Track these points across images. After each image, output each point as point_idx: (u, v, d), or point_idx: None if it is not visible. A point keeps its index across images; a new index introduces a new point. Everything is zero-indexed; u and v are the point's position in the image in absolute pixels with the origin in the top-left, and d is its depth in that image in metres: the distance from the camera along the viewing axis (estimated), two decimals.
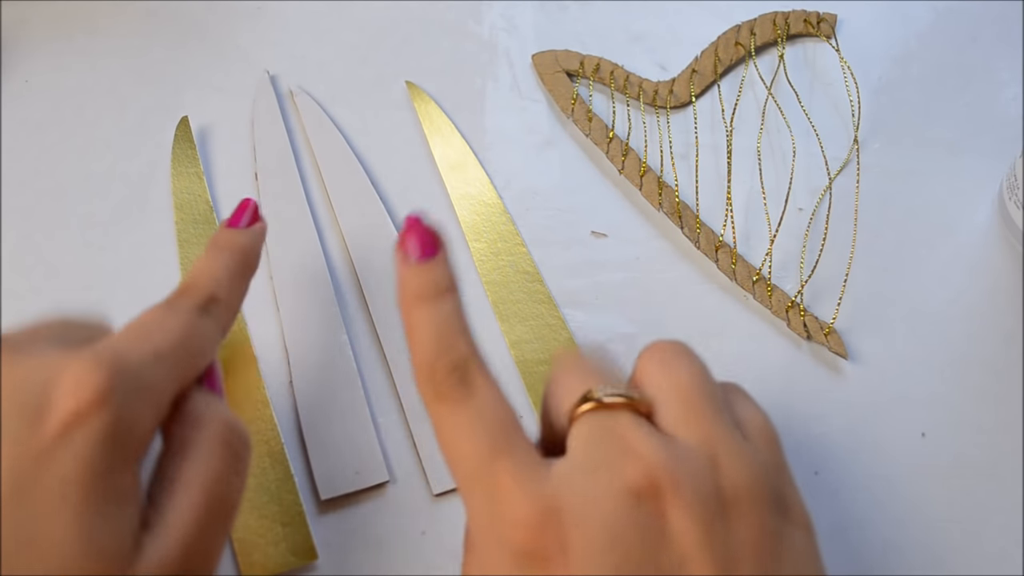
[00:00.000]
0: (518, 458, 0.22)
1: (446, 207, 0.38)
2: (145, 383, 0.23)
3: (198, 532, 0.23)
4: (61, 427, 0.21)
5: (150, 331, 0.24)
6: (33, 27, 0.42)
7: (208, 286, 0.27)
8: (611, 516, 0.21)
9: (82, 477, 0.21)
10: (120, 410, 0.22)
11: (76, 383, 0.22)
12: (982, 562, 0.31)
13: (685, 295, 0.36)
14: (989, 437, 0.33)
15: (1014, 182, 0.36)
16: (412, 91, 0.40)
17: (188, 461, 0.24)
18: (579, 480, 0.22)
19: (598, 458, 0.22)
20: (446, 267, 0.25)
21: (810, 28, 0.42)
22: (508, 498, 0.22)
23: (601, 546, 0.21)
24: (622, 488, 0.21)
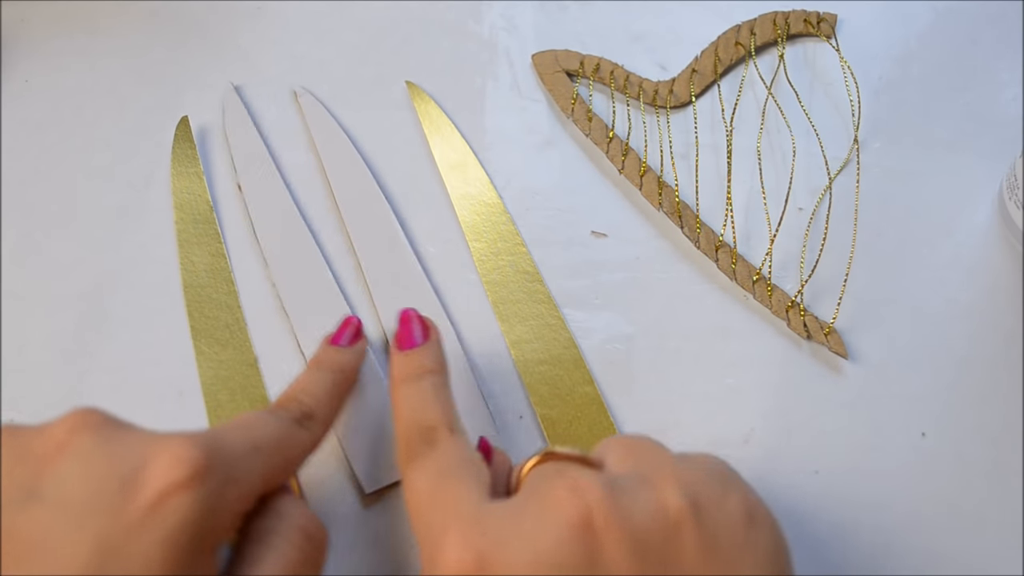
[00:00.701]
0: (463, 499, 0.24)
1: (446, 207, 0.38)
2: (238, 473, 0.24)
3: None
4: (154, 501, 0.22)
5: (250, 427, 0.25)
6: (33, 27, 0.42)
7: (307, 402, 0.28)
8: (546, 547, 0.22)
9: (167, 553, 0.22)
10: (211, 493, 0.23)
11: (174, 459, 0.22)
12: (982, 562, 0.31)
13: (685, 295, 0.36)
14: (989, 437, 0.33)
15: (1014, 182, 0.36)
16: (412, 91, 0.40)
17: (269, 548, 0.24)
18: (520, 516, 0.23)
19: (541, 493, 0.23)
20: (430, 353, 0.29)
21: (810, 28, 0.42)
22: (446, 544, 0.23)
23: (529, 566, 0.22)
24: (559, 521, 0.22)
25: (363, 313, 0.35)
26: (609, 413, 0.33)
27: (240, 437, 0.25)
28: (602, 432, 0.32)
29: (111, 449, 0.23)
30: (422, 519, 0.24)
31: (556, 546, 0.22)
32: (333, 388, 0.29)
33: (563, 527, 0.22)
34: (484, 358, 0.34)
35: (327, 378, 0.29)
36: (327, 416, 0.29)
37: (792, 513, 0.31)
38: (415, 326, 0.30)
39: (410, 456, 0.26)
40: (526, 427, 0.33)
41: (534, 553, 0.22)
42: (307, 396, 0.28)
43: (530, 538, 0.22)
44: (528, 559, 0.22)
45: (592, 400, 0.33)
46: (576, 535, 0.22)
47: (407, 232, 0.37)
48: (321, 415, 0.28)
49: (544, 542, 0.22)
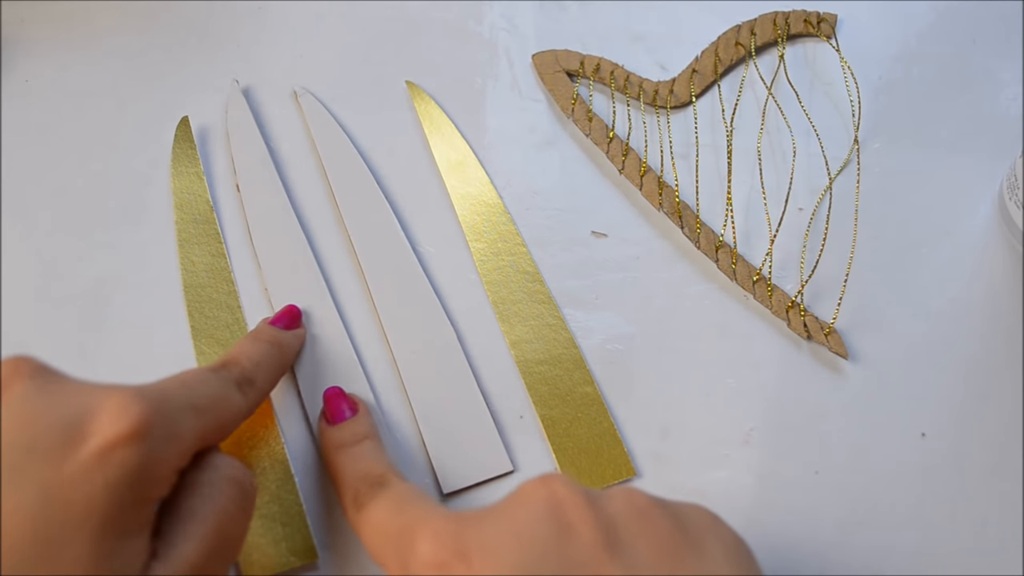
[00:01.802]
0: (430, 511, 0.25)
1: (446, 207, 0.38)
2: (179, 429, 0.24)
3: (204, 563, 0.24)
4: (99, 451, 0.22)
5: (192, 386, 0.26)
6: (33, 27, 0.42)
7: (247, 367, 0.29)
8: (524, 526, 0.23)
9: (108, 503, 0.22)
10: (154, 447, 0.23)
11: (120, 412, 0.23)
12: (982, 562, 0.31)
13: (685, 295, 0.36)
14: (989, 437, 0.33)
15: (1014, 182, 0.36)
16: (412, 91, 0.40)
17: (199, 497, 0.25)
18: (492, 512, 0.24)
19: (509, 496, 0.24)
20: (362, 421, 0.30)
21: (810, 28, 0.42)
22: (417, 541, 0.24)
23: (504, 545, 0.22)
24: (533, 503, 0.23)
25: (362, 314, 0.35)
26: (609, 413, 0.33)
27: (184, 394, 0.25)
28: (602, 432, 0.32)
29: (51, 398, 0.23)
30: (388, 541, 0.25)
31: (532, 519, 0.23)
32: (271, 360, 0.30)
33: (535, 503, 0.23)
34: (484, 358, 0.34)
35: (266, 349, 0.30)
36: (264, 385, 0.29)
37: (792, 513, 0.31)
38: (341, 402, 0.31)
39: (360, 503, 0.27)
40: (526, 427, 0.33)
41: (510, 525, 0.23)
42: (248, 362, 0.29)
43: (507, 521, 0.23)
44: (503, 529, 0.23)
45: (592, 400, 0.33)
46: (548, 509, 0.23)
47: (407, 232, 0.37)
48: (259, 383, 0.29)
49: (520, 516, 0.23)
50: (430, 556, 0.23)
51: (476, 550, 0.22)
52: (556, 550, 0.22)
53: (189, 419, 0.25)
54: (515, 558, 0.22)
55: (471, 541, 0.23)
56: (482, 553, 0.22)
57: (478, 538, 0.23)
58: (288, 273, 0.35)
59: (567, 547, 0.22)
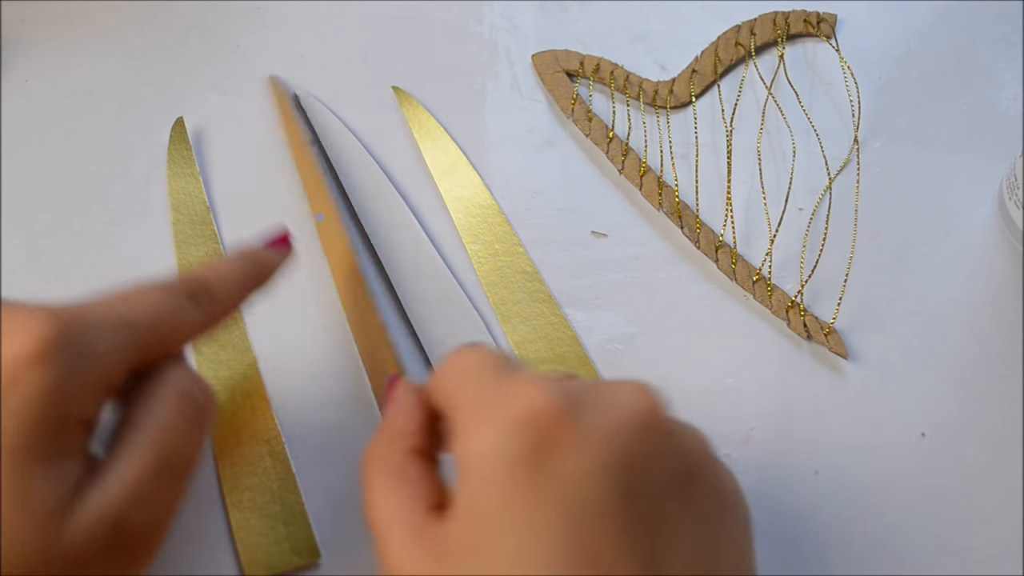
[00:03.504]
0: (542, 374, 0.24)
1: (440, 209, 0.38)
2: (100, 346, 0.23)
3: (147, 480, 0.23)
4: (4, 375, 0.21)
5: (127, 299, 0.24)
6: (33, 27, 0.42)
7: (207, 277, 0.27)
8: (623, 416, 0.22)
9: (19, 431, 0.21)
10: (66, 366, 0.22)
11: (25, 333, 0.22)
12: (982, 562, 0.31)
13: (685, 295, 0.36)
14: (989, 437, 0.33)
15: (1014, 182, 0.36)
16: (400, 96, 0.40)
17: (142, 409, 0.24)
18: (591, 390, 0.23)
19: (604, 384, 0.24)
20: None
21: (810, 28, 0.42)
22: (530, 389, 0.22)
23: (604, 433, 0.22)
24: (635, 404, 0.23)
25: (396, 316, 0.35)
26: None
27: (105, 310, 0.24)
28: None
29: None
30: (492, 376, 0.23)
31: (627, 426, 0.22)
32: (243, 276, 0.28)
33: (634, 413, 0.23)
34: None
35: (241, 265, 0.28)
36: (227, 299, 0.27)
37: (792, 513, 0.31)
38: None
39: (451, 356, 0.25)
40: None
41: (607, 425, 0.22)
42: (212, 274, 0.27)
43: (604, 410, 0.22)
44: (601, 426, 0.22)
45: None
46: (643, 426, 0.22)
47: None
48: (222, 295, 0.27)
49: (617, 419, 0.22)
50: (535, 405, 0.22)
51: (574, 426, 0.22)
52: (640, 464, 0.22)
53: (112, 335, 0.23)
54: (605, 451, 0.21)
55: (574, 413, 0.22)
56: (582, 430, 0.21)
57: (580, 412, 0.22)
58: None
59: (646, 467, 0.22)
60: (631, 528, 0.21)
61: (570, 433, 0.21)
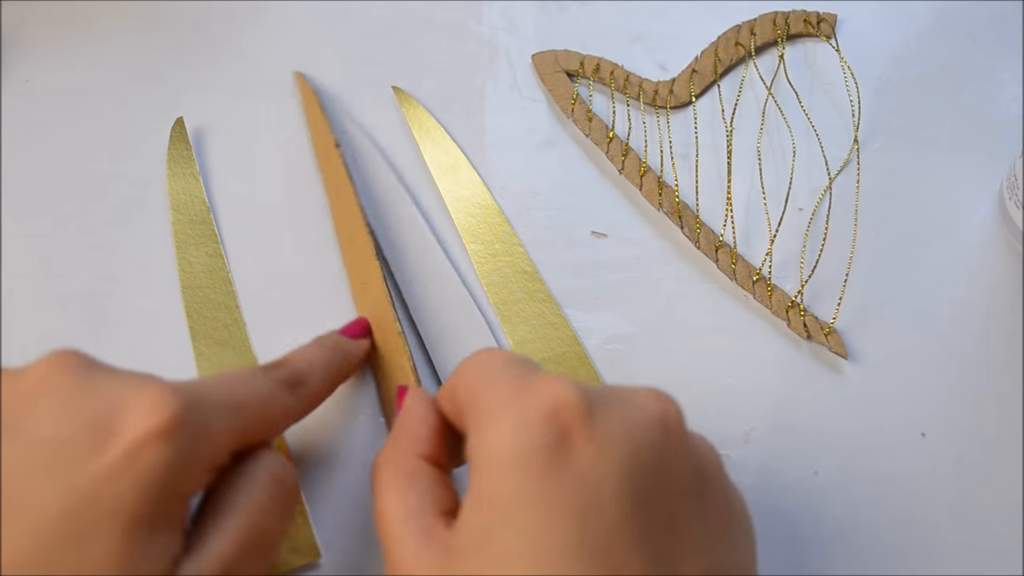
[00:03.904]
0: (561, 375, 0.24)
1: (440, 209, 0.38)
2: (214, 426, 0.24)
3: (238, 558, 0.23)
4: (127, 449, 0.22)
5: (233, 383, 0.25)
6: (33, 27, 0.42)
7: (301, 368, 0.28)
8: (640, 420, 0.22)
9: (136, 503, 0.22)
10: (185, 445, 0.23)
11: (152, 408, 0.22)
12: (982, 562, 0.31)
13: (685, 295, 0.36)
14: (989, 437, 0.33)
15: (1014, 182, 0.36)
16: (400, 96, 0.40)
17: (236, 490, 0.24)
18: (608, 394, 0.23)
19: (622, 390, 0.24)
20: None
21: (810, 28, 0.42)
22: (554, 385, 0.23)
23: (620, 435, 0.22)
24: (651, 409, 0.23)
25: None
26: None
27: (221, 392, 0.25)
28: None
29: (87, 390, 0.23)
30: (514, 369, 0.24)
31: (644, 429, 0.22)
32: (331, 364, 0.29)
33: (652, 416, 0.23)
34: None
35: (327, 354, 0.30)
36: (319, 388, 0.29)
37: (792, 513, 0.31)
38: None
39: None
40: None
41: (626, 426, 0.22)
42: (302, 363, 0.28)
43: (623, 412, 0.23)
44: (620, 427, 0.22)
45: None
46: (660, 429, 0.23)
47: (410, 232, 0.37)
48: (314, 384, 0.28)
49: (635, 421, 0.23)
50: (548, 404, 0.22)
51: (594, 425, 0.22)
52: (656, 467, 0.22)
53: (225, 417, 0.24)
54: (623, 451, 0.22)
55: (592, 413, 0.22)
56: (601, 429, 0.22)
57: (600, 415, 0.22)
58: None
59: (662, 470, 0.22)
60: (645, 529, 0.21)
61: (591, 431, 0.22)
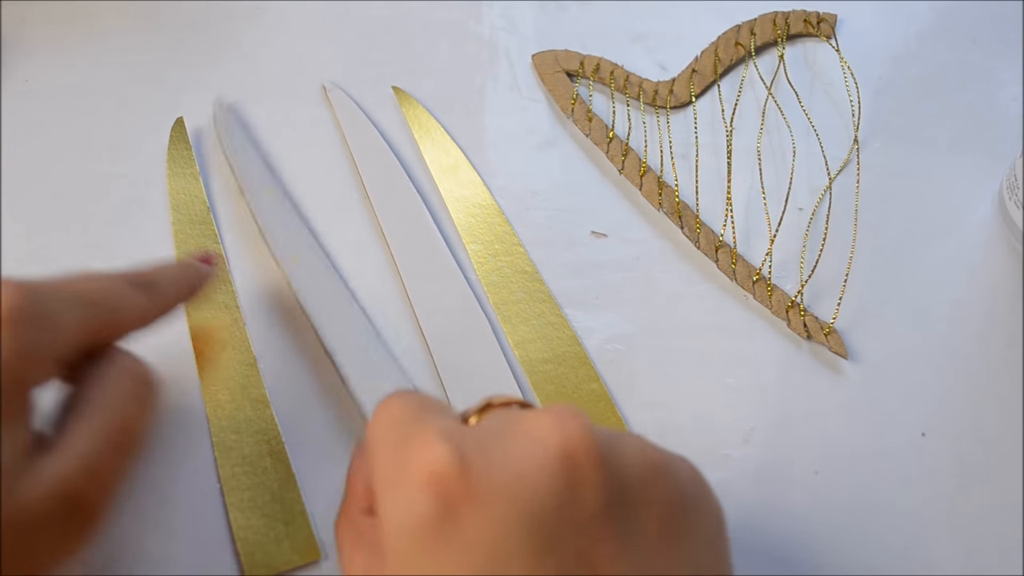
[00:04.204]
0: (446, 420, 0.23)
1: (440, 209, 0.38)
2: (61, 319, 0.24)
3: (96, 456, 0.24)
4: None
5: (80, 278, 0.26)
6: (33, 27, 0.42)
7: (152, 273, 0.28)
8: (530, 468, 0.21)
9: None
10: (29, 334, 0.23)
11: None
12: (982, 562, 0.31)
13: (685, 295, 0.36)
14: (989, 437, 0.33)
15: (1014, 182, 0.36)
16: (400, 96, 0.40)
17: (93, 388, 0.25)
18: (502, 435, 0.22)
19: (520, 419, 0.22)
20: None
21: (810, 28, 0.42)
22: (425, 442, 0.22)
23: (507, 485, 0.21)
24: (545, 445, 0.21)
25: (395, 305, 0.35)
26: (617, 409, 0.33)
27: (66, 286, 0.25)
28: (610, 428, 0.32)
29: None
30: (396, 433, 0.23)
31: (539, 470, 0.21)
32: (181, 279, 0.30)
33: (549, 451, 0.21)
34: None
35: (178, 270, 0.30)
36: (170, 295, 0.29)
37: (792, 513, 0.31)
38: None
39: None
40: None
41: (517, 471, 0.21)
42: (155, 271, 0.29)
43: (514, 456, 0.21)
44: (510, 476, 0.21)
45: (599, 396, 0.33)
46: (561, 463, 0.21)
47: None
48: (165, 290, 0.28)
49: (529, 462, 0.21)
50: (422, 475, 0.21)
51: (476, 489, 0.21)
52: (557, 507, 0.21)
53: (70, 309, 0.25)
54: (516, 511, 0.20)
55: (473, 475, 0.21)
56: (484, 496, 0.21)
57: (481, 475, 0.21)
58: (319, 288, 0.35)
59: (570, 507, 0.21)
60: (557, 572, 0.20)
61: (473, 493, 0.21)
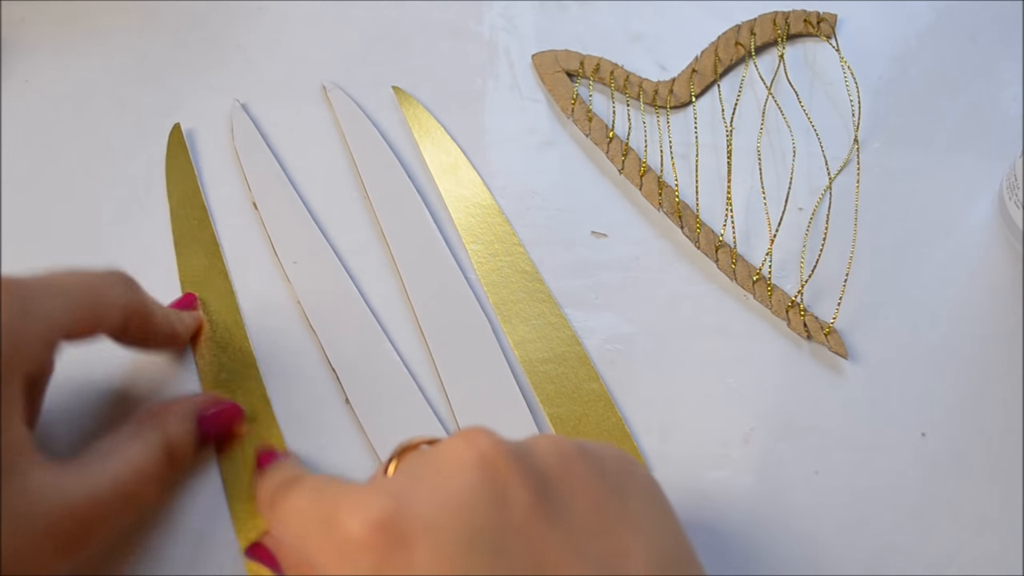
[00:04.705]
0: (351, 489, 0.24)
1: (440, 208, 0.38)
2: (41, 307, 0.26)
3: (105, 496, 0.25)
4: None
5: (59, 273, 0.27)
6: (33, 27, 0.42)
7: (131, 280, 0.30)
8: (456, 489, 0.22)
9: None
10: (11, 319, 0.25)
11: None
12: (982, 562, 0.31)
13: (685, 295, 0.36)
14: (989, 437, 0.33)
15: (1014, 182, 0.36)
16: (400, 96, 0.40)
17: (131, 441, 0.27)
18: (417, 475, 0.23)
19: (432, 455, 0.23)
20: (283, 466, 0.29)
21: (810, 28, 0.42)
22: (344, 518, 0.22)
23: (443, 520, 0.21)
24: (463, 465, 0.22)
25: (395, 306, 0.35)
26: (617, 409, 0.33)
27: (45, 278, 0.27)
28: (611, 428, 0.32)
29: None
30: (314, 528, 0.23)
31: (466, 487, 0.22)
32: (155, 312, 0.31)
33: (467, 469, 0.22)
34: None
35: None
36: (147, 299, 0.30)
37: (792, 513, 0.31)
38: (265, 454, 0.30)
39: (275, 501, 0.26)
40: (541, 425, 0.33)
41: (444, 497, 0.22)
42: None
43: (437, 486, 0.22)
44: (439, 503, 0.22)
45: (599, 396, 0.33)
46: (482, 475, 0.22)
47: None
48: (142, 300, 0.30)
49: (453, 485, 0.22)
50: (360, 532, 0.21)
51: (414, 528, 0.21)
52: (496, 518, 0.21)
53: (53, 298, 0.26)
54: (456, 532, 0.21)
55: (407, 517, 0.21)
56: (423, 531, 0.21)
57: (413, 513, 0.22)
58: (319, 283, 0.35)
59: (505, 513, 0.22)
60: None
61: (412, 530, 0.21)
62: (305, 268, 0.36)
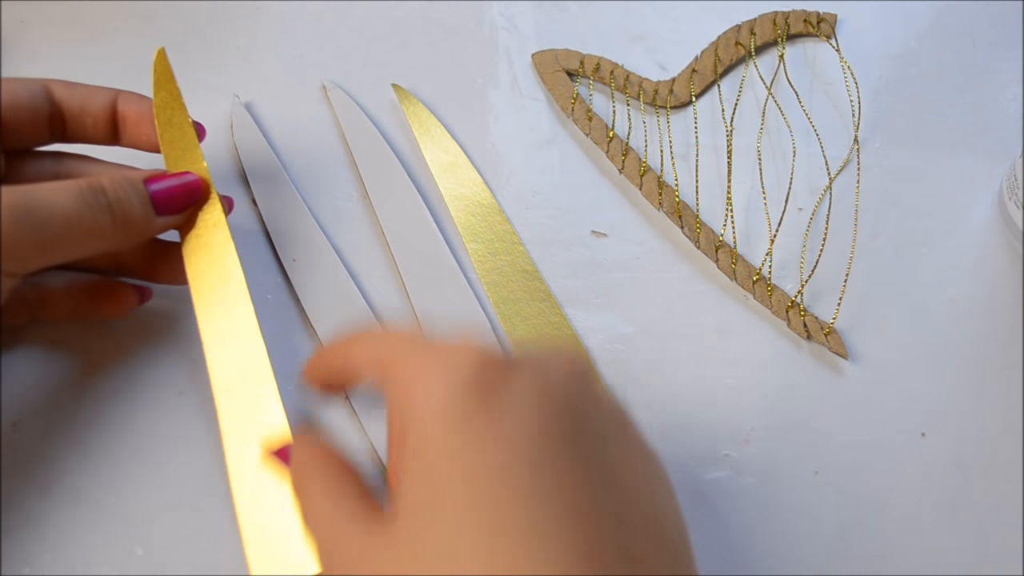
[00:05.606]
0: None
1: (440, 207, 0.38)
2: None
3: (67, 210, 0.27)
4: None
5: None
6: (33, 27, 0.42)
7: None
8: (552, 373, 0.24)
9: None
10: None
11: None
12: (982, 562, 0.31)
13: (685, 295, 0.36)
14: (989, 437, 0.33)
15: (1014, 182, 0.36)
16: (400, 94, 0.40)
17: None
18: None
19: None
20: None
21: (810, 28, 0.42)
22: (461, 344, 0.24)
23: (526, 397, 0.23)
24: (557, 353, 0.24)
25: (395, 305, 0.35)
26: None
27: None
28: None
29: None
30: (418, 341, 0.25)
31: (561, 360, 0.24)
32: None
33: (564, 354, 0.25)
34: None
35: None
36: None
37: (792, 513, 0.31)
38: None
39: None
40: None
41: (542, 361, 0.24)
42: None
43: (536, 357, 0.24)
44: (537, 363, 0.24)
45: None
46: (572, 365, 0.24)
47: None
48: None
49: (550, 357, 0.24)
50: (470, 349, 0.23)
51: (512, 365, 0.23)
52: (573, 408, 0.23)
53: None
54: (545, 383, 0.23)
55: (520, 359, 0.24)
56: (517, 369, 0.23)
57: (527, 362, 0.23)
58: (316, 278, 0.35)
59: (578, 411, 0.23)
60: (578, 458, 0.22)
61: (512, 379, 0.23)
62: (304, 266, 0.36)
